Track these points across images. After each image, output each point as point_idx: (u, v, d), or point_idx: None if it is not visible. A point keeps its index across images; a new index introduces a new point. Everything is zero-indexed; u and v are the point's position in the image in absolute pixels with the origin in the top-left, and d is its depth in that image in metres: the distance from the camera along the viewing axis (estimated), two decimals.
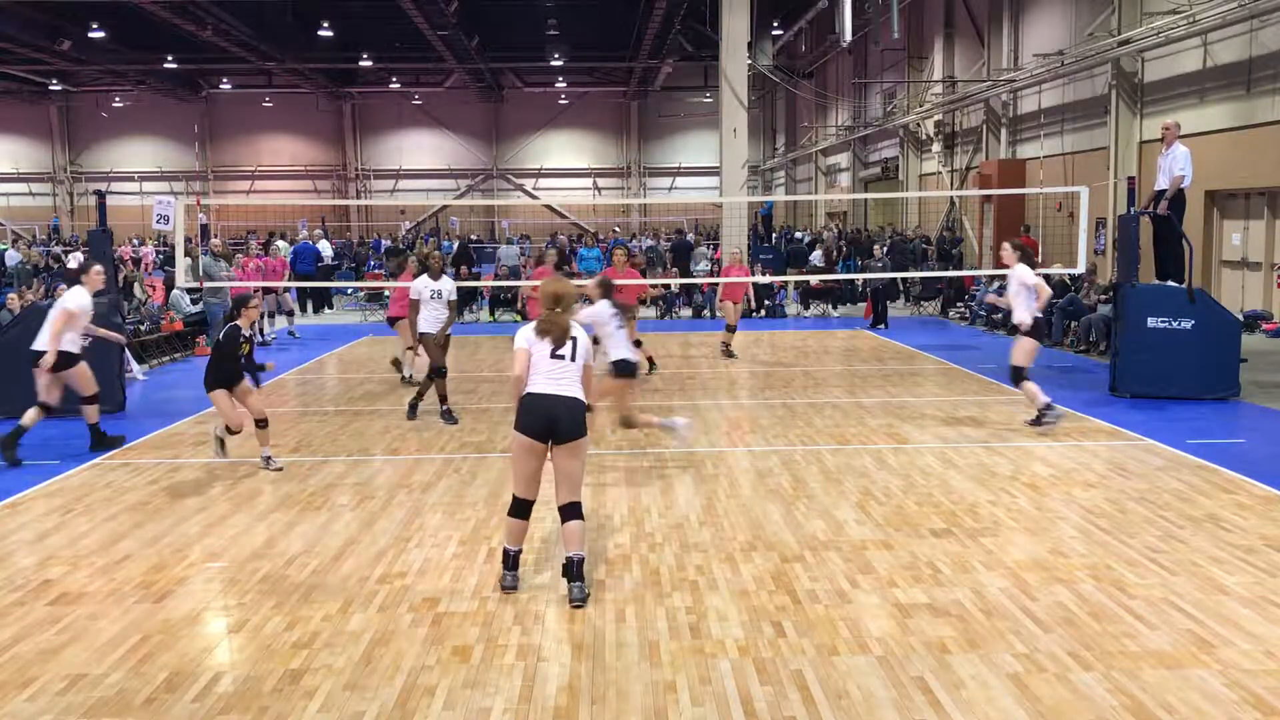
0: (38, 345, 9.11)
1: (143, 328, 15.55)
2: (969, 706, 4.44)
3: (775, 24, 30.98)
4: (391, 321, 13.90)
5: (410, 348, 11.78)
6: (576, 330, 5.86)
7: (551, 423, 5.64)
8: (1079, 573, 6.01)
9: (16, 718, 4.47)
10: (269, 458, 8.70)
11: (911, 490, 7.86)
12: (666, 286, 20.95)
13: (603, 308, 8.66)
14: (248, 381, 8.68)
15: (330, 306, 24.24)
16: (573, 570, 5.67)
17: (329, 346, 17.36)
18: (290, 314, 18.80)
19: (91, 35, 32.20)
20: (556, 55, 37.52)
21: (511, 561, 5.90)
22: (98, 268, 9.76)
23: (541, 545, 6.63)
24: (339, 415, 11.19)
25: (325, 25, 32.78)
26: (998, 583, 5.87)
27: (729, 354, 15.15)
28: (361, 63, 39.05)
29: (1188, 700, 4.47)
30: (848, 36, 23.15)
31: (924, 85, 30.07)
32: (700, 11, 28.23)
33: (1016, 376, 9.91)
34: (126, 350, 12.76)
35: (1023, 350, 9.88)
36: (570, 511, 5.71)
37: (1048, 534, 6.74)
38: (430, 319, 10.63)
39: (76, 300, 9.26)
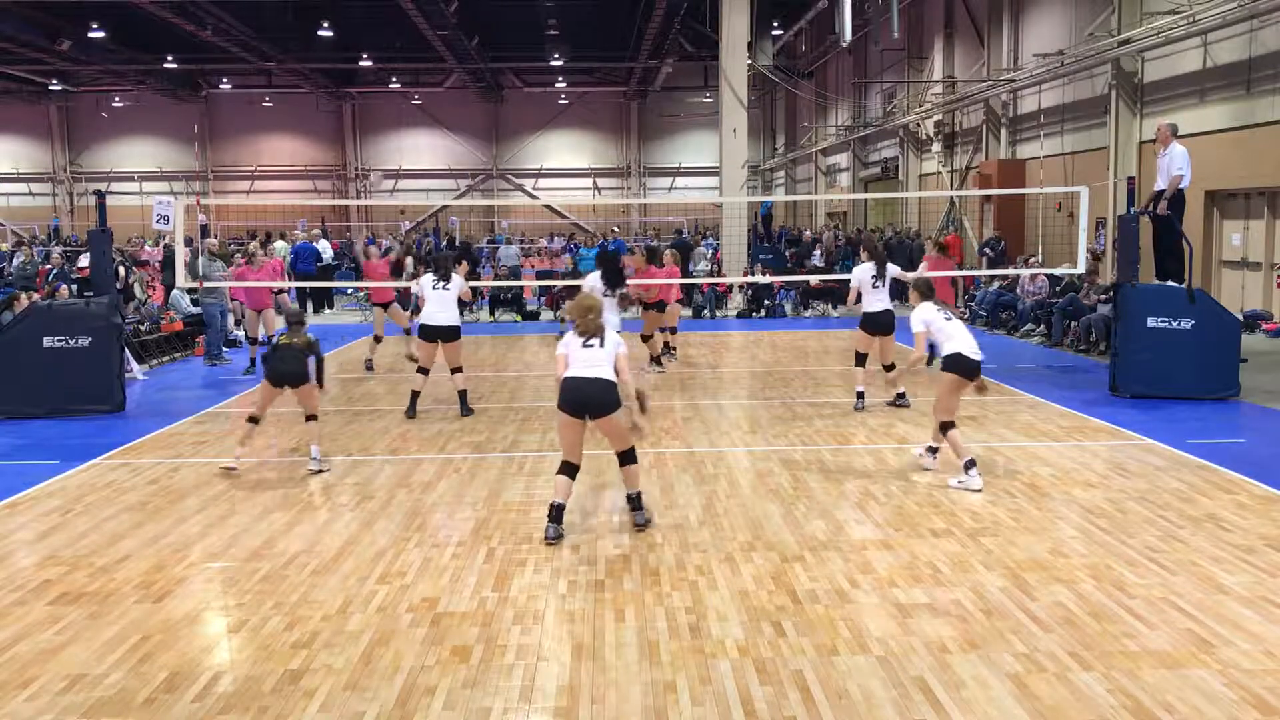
0: (440, 321, 10.58)
1: (142, 328, 15.54)
2: (969, 706, 4.44)
3: (775, 24, 30.96)
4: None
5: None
6: None
7: None
8: (1079, 573, 6.01)
9: (16, 718, 4.47)
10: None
11: (911, 490, 7.86)
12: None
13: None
14: None
15: (330, 306, 24.24)
16: (632, 501, 6.96)
17: (328, 346, 17.23)
18: None
19: (91, 35, 32.19)
20: (556, 55, 37.50)
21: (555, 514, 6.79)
22: (464, 261, 11.77)
23: (541, 544, 6.64)
24: (339, 415, 11.18)
25: (325, 25, 32.76)
26: (998, 583, 5.87)
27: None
28: (361, 63, 39.02)
29: (1188, 700, 4.47)
30: (848, 36, 23.15)
31: (924, 85, 30.04)
32: (700, 11, 28.25)
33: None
34: (126, 350, 12.76)
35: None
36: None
37: (1048, 534, 6.74)
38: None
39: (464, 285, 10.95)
